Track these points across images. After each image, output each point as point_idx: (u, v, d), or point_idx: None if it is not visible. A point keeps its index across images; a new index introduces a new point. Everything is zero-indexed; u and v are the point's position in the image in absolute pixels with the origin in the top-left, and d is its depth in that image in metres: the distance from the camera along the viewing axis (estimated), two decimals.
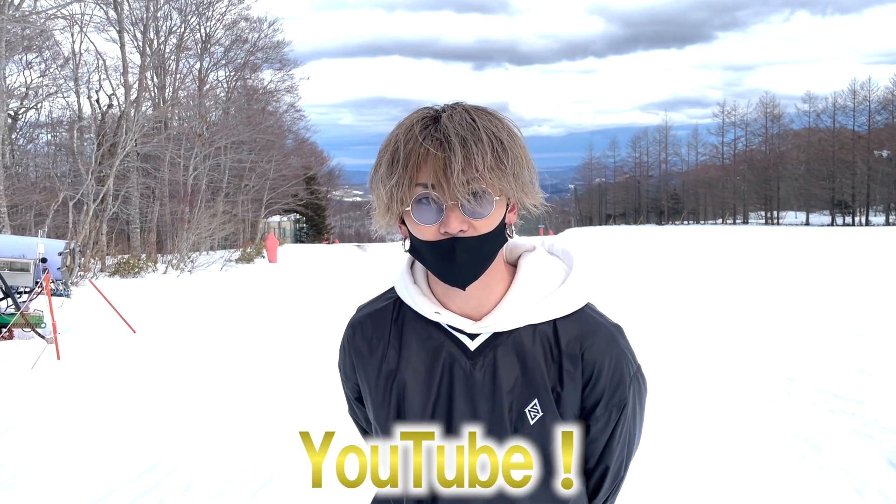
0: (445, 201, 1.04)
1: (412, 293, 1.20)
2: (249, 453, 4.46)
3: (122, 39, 24.74)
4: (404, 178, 1.04)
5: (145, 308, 11.73)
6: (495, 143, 1.03)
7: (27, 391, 6.18)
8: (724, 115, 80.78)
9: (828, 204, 65.90)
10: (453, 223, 1.04)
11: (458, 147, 1.01)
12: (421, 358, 1.19)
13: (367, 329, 1.26)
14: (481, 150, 1.02)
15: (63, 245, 9.30)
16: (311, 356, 7.51)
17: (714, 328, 8.54)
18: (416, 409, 1.18)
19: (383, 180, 1.07)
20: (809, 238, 30.74)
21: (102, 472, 4.18)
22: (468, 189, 1.03)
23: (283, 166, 37.35)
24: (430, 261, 1.11)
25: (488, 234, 1.07)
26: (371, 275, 18.79)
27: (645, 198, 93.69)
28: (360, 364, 1.26)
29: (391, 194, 1.06)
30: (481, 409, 1.15)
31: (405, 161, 1.04)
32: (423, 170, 1.04)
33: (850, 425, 4.67)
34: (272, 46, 35.43)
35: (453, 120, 1.04)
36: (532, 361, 1.16)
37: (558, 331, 1.17)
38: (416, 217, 1.06)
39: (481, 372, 1.15)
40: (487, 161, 1.02)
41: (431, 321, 1.19)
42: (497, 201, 1.06)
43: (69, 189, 19.70)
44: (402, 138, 1.06)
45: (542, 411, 1.15)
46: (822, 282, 13.18)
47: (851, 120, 65.21)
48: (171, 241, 24.08)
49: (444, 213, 1.05)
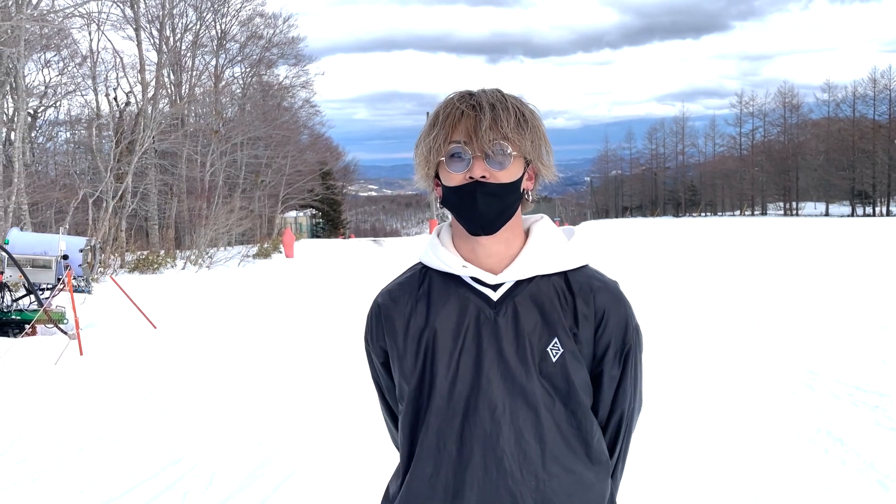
0: (473, 152, 1.26)
1: (440, 252, 1.37)
2: (271, 447, 4.50)
3: (138, 37, 24.89)
4: (441, 134, 1.27)
5: (165, 303, 11.83)
6: (518, 114, 1.27)
7: (51, 387, 6.27)
8: (741, 106, 79.99)
9: (847, 194, 65.07)
10: (477, 169, 1.26)
11: (487, 110, 1.25)
12: (449, 311, 1.33)
13: (396, 294, 1.40)
14: (507, 115, 1.25)
15: (84, 242, 9.39)
16: (330, 349, 7.55)
17: (734, 321, 8.48)
18: (446, 355, 1.31)
19: (425, 137, 1.30)
20: (829, 229, 30.41)
21: (126, 467, 4.23)
22: (492, 145, 1.25)
23: (298, 162, 37.44)
24: (456, 204, 1.30)
25: (506, 184, 1.28)
26: (387, 269, 18.81)
27: (662, 190, 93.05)
28: (388, 326, 1.38)
29: (429, 147, 1.29)
30: (507, 351, 1.29)
31: (444, 121, 1.28)
32: (458, 128, 1.27)
33: (874, 418, 4.62)
34: (287, 42, 35.47)
35: (486, 92, 1.30)
36: (549, 306, 1.32)
37: (569, 280, 1.35)
38: (449, 167, 1.28)
39: (504, 319, 1.31)
40: (511, 124, 1.25)
41: (456, 281, 1.35)
42: (515, 157, 1.28)
43: (88, 186, 19.88)
44: (443, 106, 1.30)
45: (562, 348, 1.30)
46: (843, 273, 13.03)
47: (872, 109, 64.28)
48: (189, 237, 24.25)
49: (472, 162, 1.26)
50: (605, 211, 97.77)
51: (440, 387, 1.30)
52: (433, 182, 1.35)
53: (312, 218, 52.09)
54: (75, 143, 27.33)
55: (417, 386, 1.33)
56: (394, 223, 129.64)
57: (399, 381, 1.38)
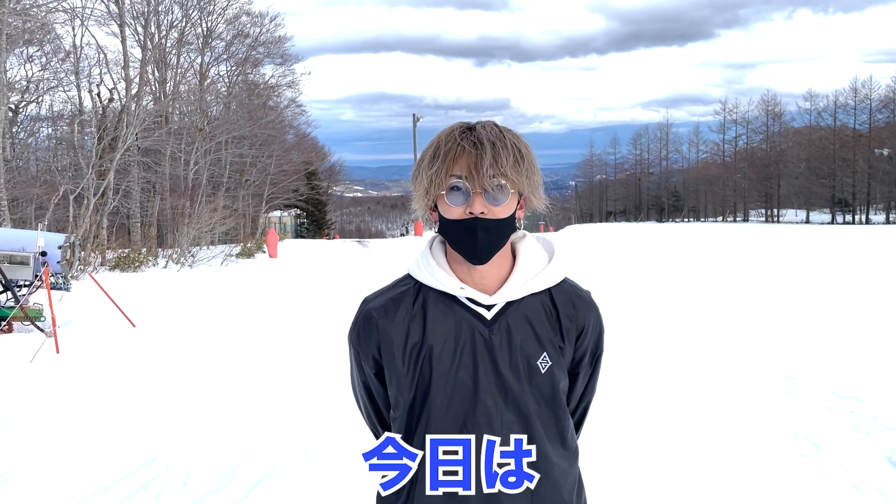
0: (474, 188, 1.33)
1: (437, 274, 1.44)
2: (248, 448, 4.46)
3: (123, 33, 24.66)
4: (442, 168, 1.34)
5: (145, 302, 11.72)
6: (516, 151, 1.35)
7: (26, 385, 6.18)
8: (725, 113, 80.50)
9: (828, 202, 65.71)
10: (477, 206, 1.34)
11: (488, 148, 1.32)
12: (445, 329, 1.41)
13: (391, 310, 1.46)
14: (506, 153, 1.33)
15: (63, 239, 9.28)
16: (311, 351, 7.51)
17: (714, 325, 8.52)
18: (444, 371, 1.39)
19: (426, 170, 1.36)
20: (810, 236, 30.70)
21: (100, 466, 4.17)
22: (492, 182, 1.33)
23: (283, 161, 37.24)
24: (456, 237, 1.39)
25: (503, 219, 1.37)
26: (372, 270, 18.77)
27: (645, 195, 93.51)
28: (384, 341, 1.44)
29: (431, 180, 1.35)
30: (502, 367, 1.39)
31: (445, 155, 1.34)
32: (458, 163, 1.34)
33: (850, 423, 4.66)
34: (273, 41, 35.28)
35: (486, 128, 1.36)
36: (538, 322, 1.44)
37: (554, 297, 1.47)
38: (449, 200, 1.36)
39: (498, 336, 1.41)
40: (510, 162, 1.33)
41: (451, 299, 1.43)
42: (512, 194, 1.37)
43: (70, 183, 19.66)
44: (444, 139, 1.36)
45: (550, 361, 1.43)
46: (822, 280, 13.16)
47: (852, 118, 64.99)
48: (172, 236, 24.04)
49: (471, 197, 1.34)
50: (590, 215, 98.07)
51: (438, 401, 1.39)
52: (430, 210, 1.44)
53: (297, 218, 51.84)
54: (57, 138, 27.00)
55: (413, 399, 1.42)
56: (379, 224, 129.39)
57: (394, 393, 1.46)
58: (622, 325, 8.41)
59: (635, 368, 6.20)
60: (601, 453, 4.03)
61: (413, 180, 1.42)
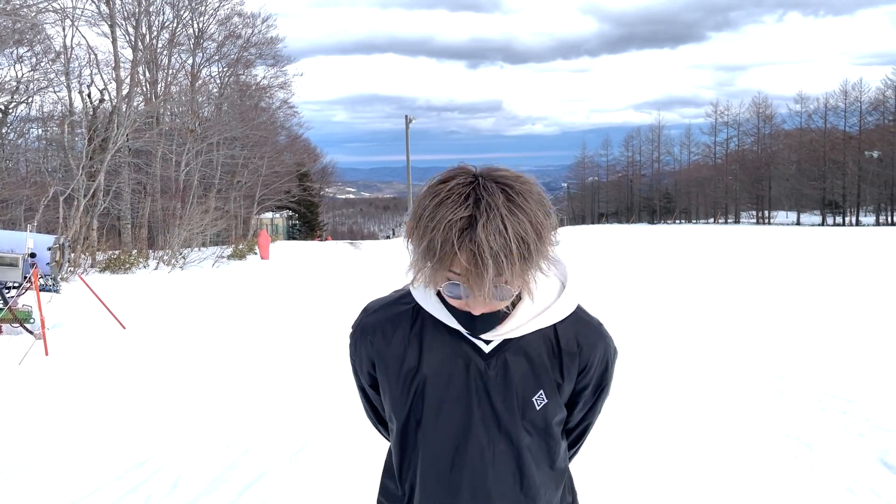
0: (473, 295, 1.19)
1: (436, 309, 1.35)
2: (239, 450, 4.42)
3: (113, 34, 24.56)
4: (440, 268, 1.18)
5: (136, 304, 11.65)
6: (524, 251, 1.16)
7: (14, 387, 6.12)
8: (716, 115, 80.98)
9: (818, 204, 66.09)
10: (477, 310, 1.25)
11: (490, 264, 1.14)
12: (441, 358, 1.37)
13: (388, 331, 1.42)
14: (510, 263, 1.15)
15: (52, 240, 9.21)
16: (302, 353, 7.47)
17: (705, 326, 8.53)
18: (436, 401, 1.37)
19: (420, 261, 1.21)
20: (800, 238, 30.83)
21: (89, 469, 4.13)
22: (494, 292, 1.18)
23: (275, 163, 37.14)
24: (455, 313, 1.30)
25: (503, 307, 1.28)
26: (365, 272, 18.73)
27: (637, 197, 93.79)
28: (379, 362, 1.43)
29: (426, 275, 1.22)
30: (496, 401, 1.36)
31: (441, 259, 1.17)
32: (456, 263, 1.17)
33: (842, 424, 4.66)
34: (265, 42, 35.24)
35: (487, 229, 1.13)
36: (537, 359, 1.37)
37: (558, 333, 1.39)
38: (447, 292, 1.23)
39: (494, 371, 1.36)
40: (515, 271, 1.17)
41: (450, 328, 1.36)
42: (516, 288, 1.23)
43: (59, 184, 19.54)
44: (440, 237, 1.15)
45: (546, 399, 1.38)
46: (813, 281, 13.20)
47: (843, 121, 65.43)
48: (163, 237, 23.93)
49: (471, 297, 1.21)
50: (582, 217, 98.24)
51: (429, 431, 1.38)
52: None
53: (289, 220, 51.74)
54: (47, 139, 26.83)
55: (405, 423, 1.41)
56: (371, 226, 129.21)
57: (389, 408, 1.45)
58: (614, 327, 8.40)
59: (627, 370, 6.19)
60: (591, 455, 4.02)
61: (407, 240, 1.25)
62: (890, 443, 4.25)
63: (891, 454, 4.06)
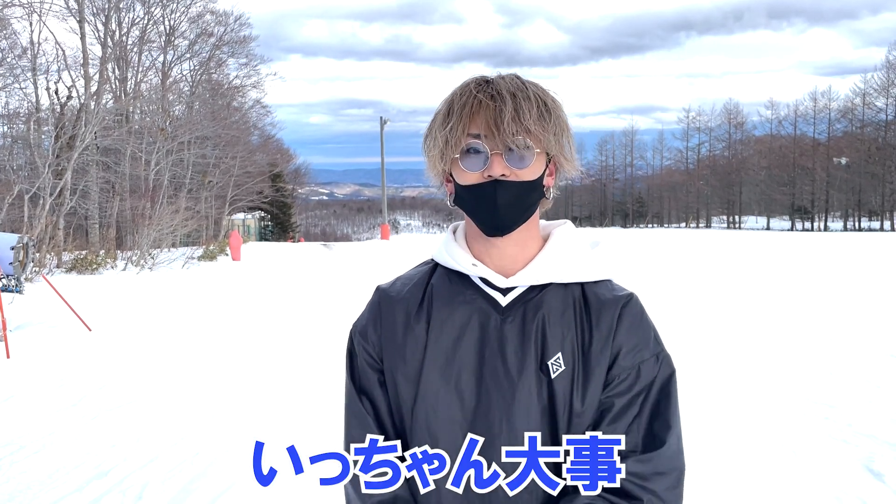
0: (493, 148, 1.14)
1: (451, 249, 1.28)
2: (208, 459, 4.25)
3: (82, 30, 24.03)
4: (458, 126, 1.15)
5: (102, 306, 11.35)
6: (540, 103, 1.15)
7: None
8: (688, 121, 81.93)
9: (788, 209, 67.10)
10: (496, 168, 1.14)
11: (508, 100, 1.13)
12: (454, 312, 1.24)
13: (399, 293, 1.30)
14: (529, 106, 1.13)
15: (16, 239, 8.94)
16: (274, 357, 7.29)
17: (680, 332, 8.50)
18: (445, 358, 1.22)
19: (439, 129, 1.18)
20: (771, 243, 31.22)
21: (49, 479, 3.93)
22: (514, 139, 1.13)
23: (248, 163, 36.71)
24: (473, 206, 1.20)
25: (527, 182, 1.17)
26: (337, 274, 18.53)
27: (611, 201, 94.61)
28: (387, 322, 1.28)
29: (446, 140, 1.16)
30: (510, 359, 1.19)
31: (460, 110, 1.15)
32: (476, 120, 1.15)
33: (826, 430, 4.61)
34: (238, 41, 34.86)
35: (505, 79, 1.17)
36: (559, 318, 1.21)
37: (587, 294, 1.24)
38: (464, 164, 1.17)
39: (511, 326, 1.21)
40: (533, 115, 1.13)
41: (465, 281, 1.26)
42: (538, 154, 1.17)
43: (25, 182, 19.05)
44: (459, 93, 1.18)
45: (563, 366, 1.19)
46: (786, 286, 13.30)
47: (812, 127, 66.54)
48: (132, 238, 23.47)
49: (490, 159, 1.15)
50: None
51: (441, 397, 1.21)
52: (444, 179, 1.24)
53: (261, 221, 51.22)
54: (12, 137, 26.20)
55: (414, 395, 1.24)
56: (345, 228, 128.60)
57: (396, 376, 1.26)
58: None
59: None
60: None
61: (424, 144, 1.23)
62: (874, 449, 4.21)
63: (876, 461, 4.01)
